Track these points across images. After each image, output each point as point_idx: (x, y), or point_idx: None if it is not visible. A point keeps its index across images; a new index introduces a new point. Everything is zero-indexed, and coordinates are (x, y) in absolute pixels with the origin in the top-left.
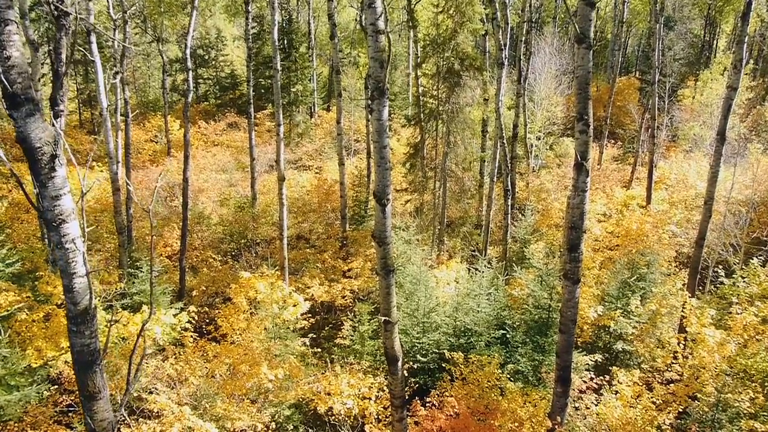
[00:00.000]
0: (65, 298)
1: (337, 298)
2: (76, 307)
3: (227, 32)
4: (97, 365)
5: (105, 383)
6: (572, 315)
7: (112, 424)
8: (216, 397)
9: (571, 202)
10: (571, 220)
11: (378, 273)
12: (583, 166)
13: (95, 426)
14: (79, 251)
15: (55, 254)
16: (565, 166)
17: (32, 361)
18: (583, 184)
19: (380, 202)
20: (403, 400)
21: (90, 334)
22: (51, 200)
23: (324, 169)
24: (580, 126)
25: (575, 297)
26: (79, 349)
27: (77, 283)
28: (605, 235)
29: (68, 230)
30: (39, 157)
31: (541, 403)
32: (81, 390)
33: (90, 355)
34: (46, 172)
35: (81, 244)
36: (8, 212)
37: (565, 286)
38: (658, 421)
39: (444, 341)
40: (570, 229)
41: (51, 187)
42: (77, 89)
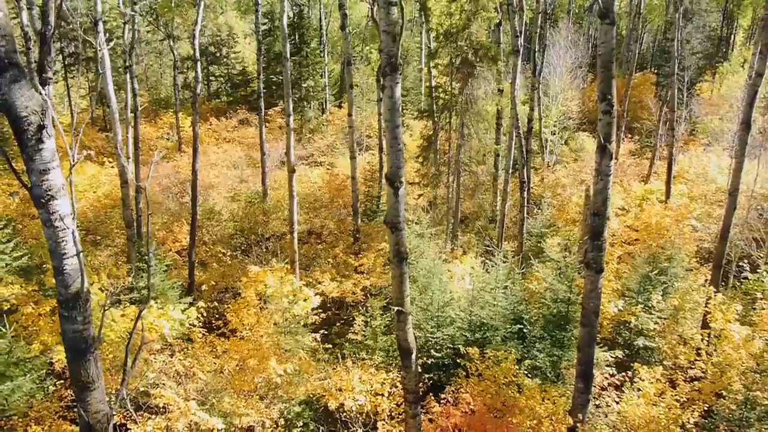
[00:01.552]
0: (56, 282)
1: (349, 293)
2: (68, 290)
3: (238, 29)
4: (91, 353)
5: (100, 373)
6: (595, 307)
7: (107, 417)
8: (224, 393)
9: (594, 187)
10: (594, 207)
11: (390, 261)
12: (606, 149)
13: (89, 418)
14: (68, 229)
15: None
16: (581, 161)
17: (37, 355)
18: (606, 168)
19: (393, 185)
20: (417, 396)
21: (83, 320)
22: (39, 174)
23: (336, 165)
24: (603, 106)
25: (598, 287)
26: (71, 335)
27: (68, 265)
28: (623, 230)
29: (57, 207)
30: (25, 128)
31: (560, 401)
32: (74, 380)
33: (83, 343)
34: (33, 144)
35: (71, 222)
36: (19, 207)
37: (588, 276)
38: (682, 419)
39: (459, 336)
40: (592, 216)
41: (38, 160)
42: (89, 86)
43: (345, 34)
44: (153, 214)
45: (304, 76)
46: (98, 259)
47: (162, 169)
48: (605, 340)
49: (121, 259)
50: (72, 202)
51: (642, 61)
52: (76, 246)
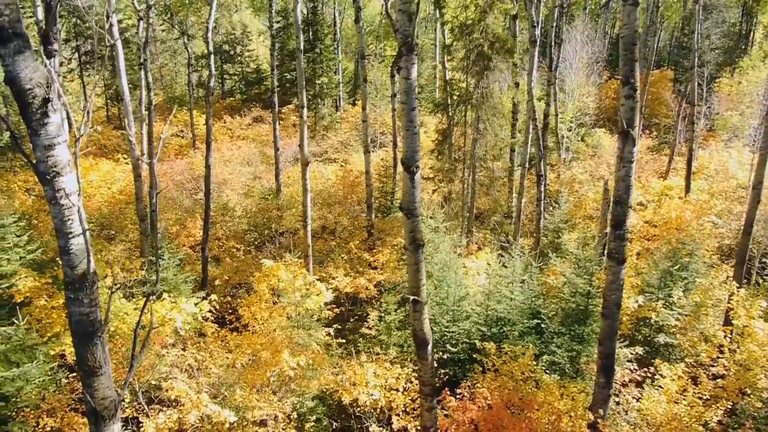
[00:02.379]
0: (62, 262)
1: (362, 289)
2: (74, 271)
3: (253, 27)
4: (98, 337)
5: (107, 358)
6: (616, 298)
7: (114, 403)
8: (236, 386)
9: (616, 174)
10: (616, 194)
11: (406, 249)
12: (629, 135)
13: (96, 404)
14: (75, 207)
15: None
16: (598, 157)
17: (50, 348)
18: (629, 155)
19: (408, 170)
20: (432, 388)
21: (89, 303)
22: (44, 150)
23: (349, 162)
24: (626, 90)
25: (620, 278)
26: (77, 318)
27: (74, 244)
28: (642, 225)
29: (63, 184)
30: (30, 101)
31: (579, 397)
32: (80, 364)
33: (90, 326)
34: (38, 118)
35: (77, 199)
36: (34, 204)
37: (609, 267)
38: (705, 417)
39: (475, 331)
40: (614, 204)
41: (44, 135)
42: (104, 85)
43: (359, 27)
44: (167, 210)
45: (317, 73)
46: (112, 254)
47: (176, 166)
48: (624, 336)
49: (135, 254)
50: (78, 179)
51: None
52: (82, 224)
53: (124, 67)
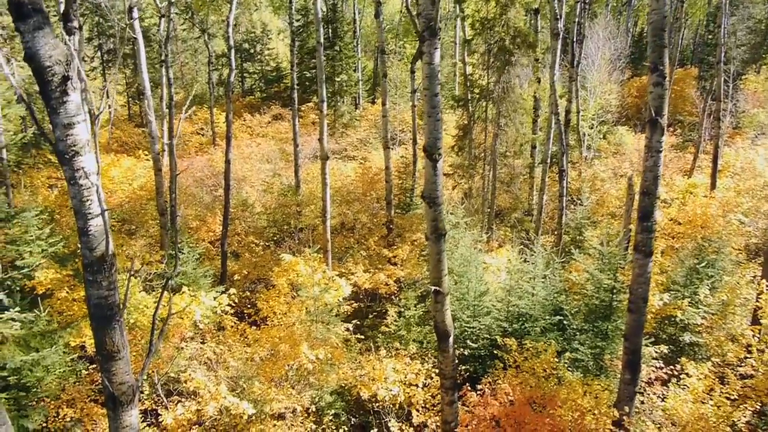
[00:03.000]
0: (80, 244)
1: (382, 285)
2: (92, 252)
3: (272, 26)
4: (116, 321)
5: (125, 342)
6: (643, 292)
7: (132, 389)
8: (254, 379)
9: (644, 164)
10: (644, 185)
11: (427, 238)
12: (658, 123)
13: (113, 389)
14: (93, 188)
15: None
16: (620, 155)
17: (71, 339)
18: (657, 144)
19: (431, 157)
20: (453, 382)
21: (108, 285)
22: (63, 129)
23: (369, 160)
24: (654, 78)
25: (647, 272)
26: (95, 301)
27: (92, 225)
28: (666, 223)
29: (82, 164)
30: (49, 78)
31: (603, 395)
32: (98, 349)
33: (108, 309)
34: (58, 96)
35: (96, 179)
36: (57, 200)
37: (636, 260)
38: (733, 417)
39: (495, 327)
40: (642, 195)
41: (63, 113)
42: (126, 83)
43: (379, 22)
44: (187, 206)
45: (337, 71)
46: (133, 249)
47: (196, 162)
48: (649, 334)
49: (155, 248)
50: (97, 158)
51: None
52: (101, 205)
53: (145, 62)
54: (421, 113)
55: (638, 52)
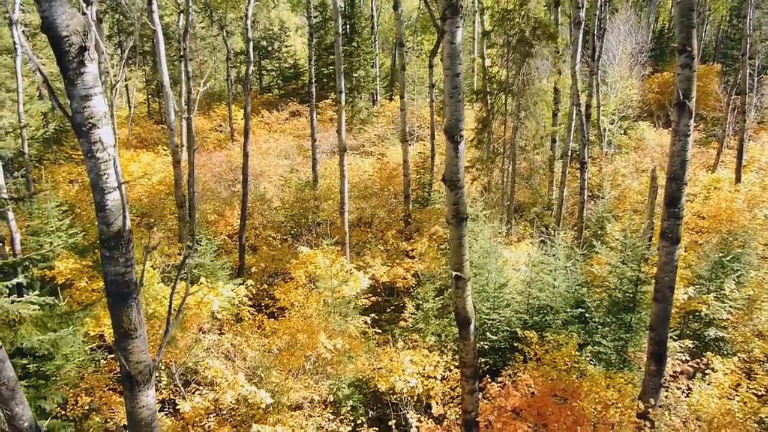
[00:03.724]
0: (97, 219)
1: (400, 278)
2: (109, 228)
3: (290, 23)
4: (133, 299)
5: (142, 321)
6: (670, 281)
7: (149, 368)
8: (272, 369)
9: (671, 149)
10: (671, 170)
11: (448, 222)
12: (686, 106)
13: (130, 368)
14: (111, 161)
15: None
16: (642, 150)
17: (90, 329)
18: (685, 128)
19: (452, 139)
20: (474, 370)
21: (125, 262)
22: (80, 101)
23: (386, 155)
24: (682, 59)
25: (674, 259)
26: (112, 278)
27: (109, 200)
28: (690, 217)
29: (99, 136)
30: (66, 49)
31: (626, 389)
32: (115, 327)
33: (125, 287)
34: (75, 67)
35: (114, 152)
36: (78, 194)
37: (663, 247)
38: (761, 413)
39: (515, 319)
40: (669, 181)
41: (80, 85)
42: (146, 80)
43: (398, 14)
44: (205, 200)
45: (355, 66)
46: (152, 242)
47: (215, 158)
48: (673, 329)
49: (173, 241)
50: (114, 131)
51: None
52: (118, 178)
53: (164, 52)
54: (439, 109)
55: (659, 49)
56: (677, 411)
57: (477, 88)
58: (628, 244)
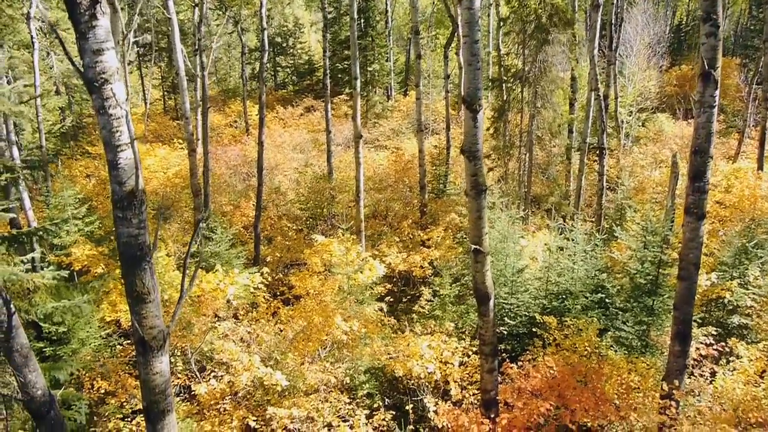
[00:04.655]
0: (110, 178)
1: (416, 267)
2: (122, 187)
3: (305, 19)
4: (146, 262)
5: (155, 285)
6: (695, 258)
7: (163, 334)
8: (287, 353)
9: (695, 121)
10: (696, 143)
11: (467, 194)
12: (711, 76)
13: (144, 333)
14: (123, 118)
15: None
16: (661, 142)
17: (106, 314)
18: (710, 99)
19: (471, 108)
20: (494, 348)
21: (138, 224)
22: (92, 55)
23: (401, 149)
24: (707, 28)
25: (699, 235)
26: (125, 240)
27: (122, 158)
28: (712, 205)
29: (112, 92)
30: (78, 1)
31: (649, 373)
32: (128, 291)
33: (138, 249)
34: (87, 20)
35: (126, 108)
36: (94, 188)
37: (687, 223)
38: None
39: (534, 304)
40: (693, 155)
41: (92, 39)
42: (161, 77)
43: (413, 1)
44: (221, 193)
45: (369, 60)
46: (168, 232)
47: (230, 151)
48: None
49: (189, 231)
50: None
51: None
52: (130, 135)
53: (179, 39)
54: (454, 103)
55: (677, 43)
56: (701, 397)
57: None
58: (649, 228)
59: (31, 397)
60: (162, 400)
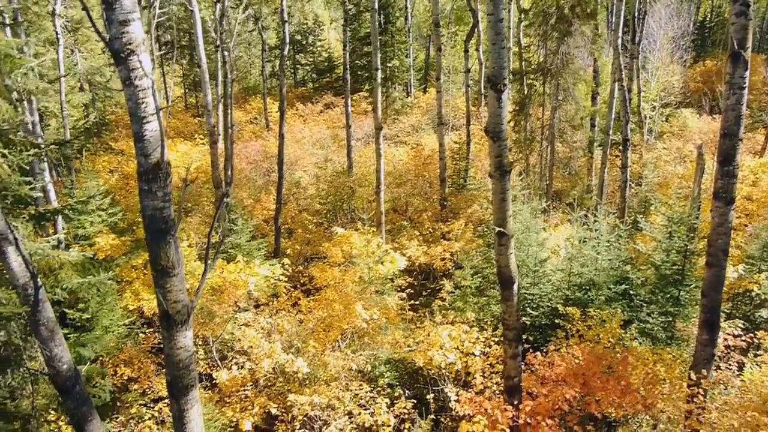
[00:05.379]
0: (135, 150)
1: (437, 259)
2: (147, 159)
3: (325, 17)
4: (171, 235)
5: (180, 259)
6: (723, 243)
7: (187, 308)
8: (308, 341)
9: (725, 103)
10: (725, 125)
11: (491, 176)
12: (741, 57)
13: (168, 307)
14: (149, 89)
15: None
16: (684, 138)
17: (129, 303)
18: (740, 80)
19: (495, 88)
20: (517, 333)
21: (163, 196)
22: (118, 26)
23: (421, 144)
24: (737, 7)
25: (728, 221)
26: (150, 213)
27: (148, 129)
28: (739, 200)
29: (138, 63)
30: None
31: (675, 364)
32: (153, 264)
33: (163, 222)
34: None
35: (152, 78)
36: (117, 183)
37: (716, 208)
38: None
39: (556, 295)
40: (722, 138)
41: (118, 9)
42: (183, 74)
43: None
44: (241, 187)
45: (389, 56)
46: (189, 225)
47: (250, 147)
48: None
49: (209, 223)
50: (153, 57)
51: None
52: (156, 105)
53: (201, 31)
54: (474, 99)
55: (701, 39)
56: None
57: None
58: (675, 219)
59: (56, 371)
60: (186, 375)
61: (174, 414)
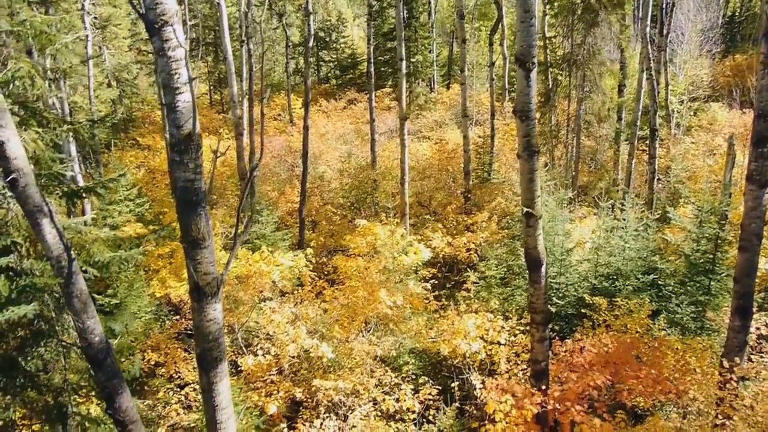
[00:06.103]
0: (168, 121)
1: (462, 251)
2: (180, 131)
3: (348, 13)
4: (202, 207)
5: (210, 231)
6: (757, 228)
7: (217, 281)
8: (333, 327)
9: (759, 83)
10: (759, 106)
11: (519, 156)
12: None
13: (198, 279)
14: (182, 60)
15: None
16: (714, 132)
17: (156, 291)
18: None
19: (524, 66)
20: (545, 316)
21: (194, 168)
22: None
23: (444, 139)
24: None
25: (762, 204)
26: (182, 184)
27: (180, 100)
28: None
29: (171, 34)
30: None
31: (705, 354)
32: (184, 235)
33: (194, 194)
34: None
35: (186, 47)
36: (144, 177)
37: (749, 191)
38: None
39: (583, 285)
40: (758, 118)
41: None
42: (207, 71)
43: None
44: (266, 181)
45: (412, 51)
46: (214, 216)
47: (275, 141)
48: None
49: (235, 215)
50: (186, 30)
51: None
52: (188, 75)
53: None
54: (498, 93)
55: (730, 34)
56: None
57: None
58: (706, 207)
59: (89, 343)
60: (215, 348)
61: (203, 386)
